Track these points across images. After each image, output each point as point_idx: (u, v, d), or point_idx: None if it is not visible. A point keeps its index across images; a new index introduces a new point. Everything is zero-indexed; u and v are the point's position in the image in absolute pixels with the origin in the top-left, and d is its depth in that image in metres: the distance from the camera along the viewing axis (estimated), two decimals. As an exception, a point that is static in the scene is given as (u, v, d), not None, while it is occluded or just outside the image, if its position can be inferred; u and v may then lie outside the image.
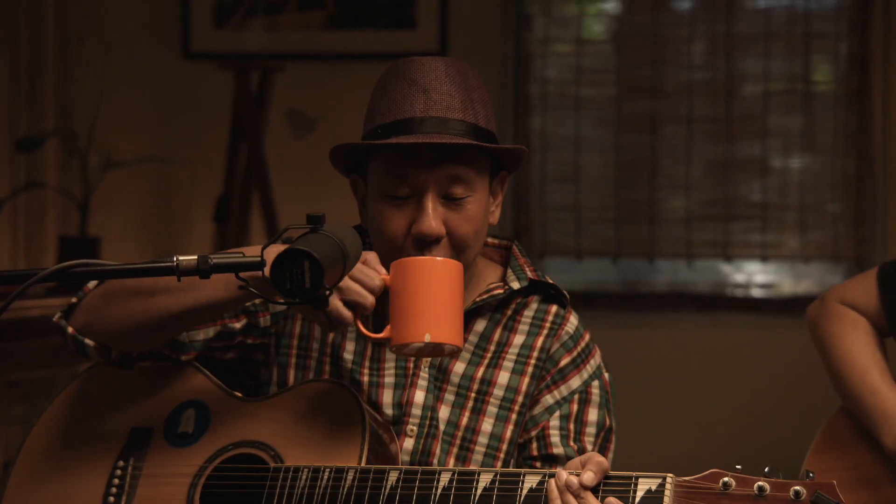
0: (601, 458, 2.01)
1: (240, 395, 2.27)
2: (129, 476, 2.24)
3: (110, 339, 2.21)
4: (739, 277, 4.94)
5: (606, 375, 2.35)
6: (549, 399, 2.30)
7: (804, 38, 4.83)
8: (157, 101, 5.01)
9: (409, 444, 2.26)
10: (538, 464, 2.28)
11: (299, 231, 1.92)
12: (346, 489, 2.10)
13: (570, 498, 1.99)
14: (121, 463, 2.25)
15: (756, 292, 4.93)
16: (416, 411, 2.27)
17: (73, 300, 2.27)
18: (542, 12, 4.94)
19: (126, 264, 1.93)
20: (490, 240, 2.41)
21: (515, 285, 2.32)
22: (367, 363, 2.29)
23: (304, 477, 2.13)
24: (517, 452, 2.31)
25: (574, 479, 1.99)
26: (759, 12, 4.88)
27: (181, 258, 1.86)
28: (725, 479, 1.94)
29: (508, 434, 2.28)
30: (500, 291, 2.31)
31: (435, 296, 2.07)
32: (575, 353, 2.32)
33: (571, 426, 2.29)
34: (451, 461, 2.27)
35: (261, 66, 4.67)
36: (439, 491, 2.07)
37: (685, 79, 4.90)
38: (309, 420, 2.20)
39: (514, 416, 2.29)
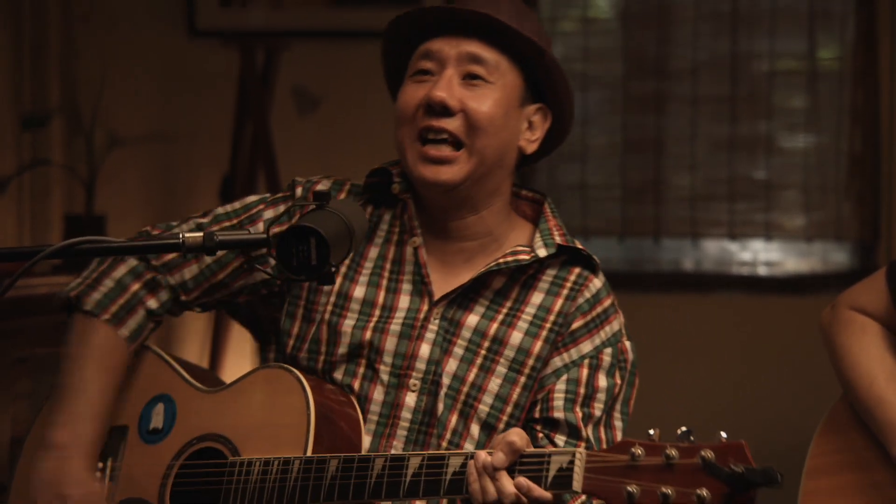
0: (513, 438, 1.96)
1: (200, 385, 2.28)
2: (108, 479, 2.27)
3: None
4: (744, 256, 4.94)
5: (627, 344, 2.31)
6: (557, 362, 2.25)
7: (810, 16, 4.82)
8: (163, 79, 4.99)
9: (411, 399, 2.22)
10: (539, 426, 2.23)
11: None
12: (292, 480, 2.09)
13: (487, 480, 1.95)
14: (100, 465, 2.28)
15: (760, 271, 4.92)
16: (420, 365, 2.23)
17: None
18: (548, -10, 4.94)
19: (131, 241, 1.93)
20: (524, 191, 2.38)
21: (542, 252, 2.27)
22: (376, 311, 2.26)
23: (255, 470, 2.13)
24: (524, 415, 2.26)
25: (488, 460, 1.95)
26: (766, -10, 4.87)
27: (187, 234, 1.86)
28: (634, 449, 1.87)
29: (514, 396, 2.24)
30: (526, 257, 2.26)
31: None
32: (589, 318, 2.28)
33: (581, 390, 2.24)
34: (455, 417, 2.22)
35: (266, 43, 4.67)
36: (373, 479, 2.05)
37: (691, 57, 4.89)
38: (260, 409, 2.21)
39: (522, 379, 2.24)
